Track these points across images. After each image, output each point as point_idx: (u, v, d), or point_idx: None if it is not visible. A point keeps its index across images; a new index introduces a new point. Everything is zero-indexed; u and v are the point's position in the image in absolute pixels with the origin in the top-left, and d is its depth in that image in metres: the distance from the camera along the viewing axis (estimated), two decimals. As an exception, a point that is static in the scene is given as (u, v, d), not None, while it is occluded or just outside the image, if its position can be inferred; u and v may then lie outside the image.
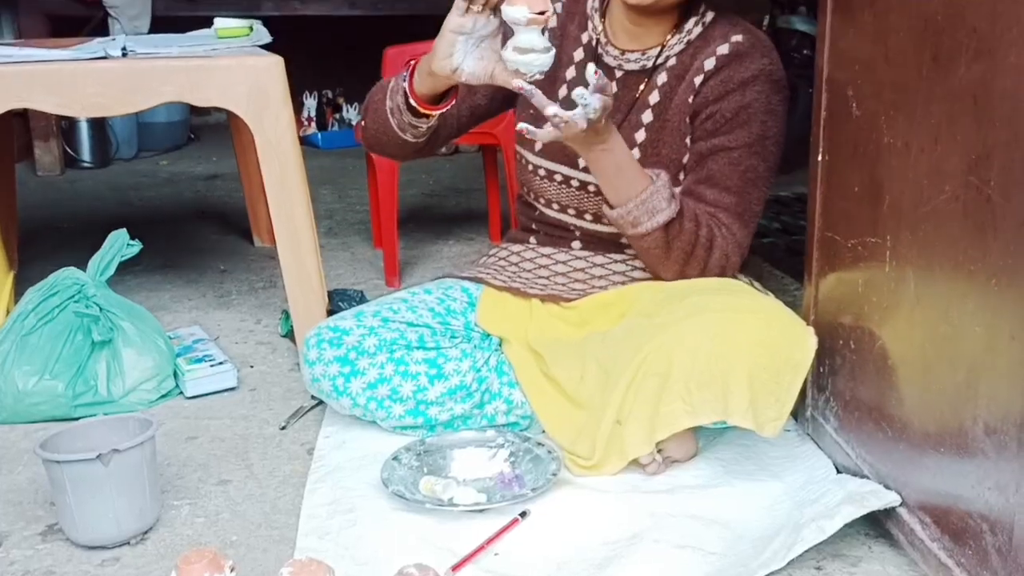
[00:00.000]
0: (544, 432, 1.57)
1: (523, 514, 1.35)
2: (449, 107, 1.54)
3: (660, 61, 1.59)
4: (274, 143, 1.84)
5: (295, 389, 1.82)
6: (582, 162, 1.59)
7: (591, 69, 1.33)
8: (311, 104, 4.73)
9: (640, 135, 1.58)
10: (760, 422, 1.35)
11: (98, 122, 4.09)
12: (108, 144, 4.18)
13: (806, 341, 1.39)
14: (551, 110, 1.35)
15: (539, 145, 1.64)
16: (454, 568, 1.22)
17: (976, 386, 1.04)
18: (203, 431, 1.66)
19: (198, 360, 1.84)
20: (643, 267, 1.62)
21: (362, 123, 1.67)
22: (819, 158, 1.42)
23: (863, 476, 1.31)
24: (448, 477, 1.45)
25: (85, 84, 1.77)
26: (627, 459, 1.44)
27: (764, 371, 1.35)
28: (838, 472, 1.39)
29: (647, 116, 1.59)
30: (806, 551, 1.19)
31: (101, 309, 1.73)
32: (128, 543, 1.32)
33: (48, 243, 2.82)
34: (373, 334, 1.57)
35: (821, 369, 1.44)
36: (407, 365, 1.55)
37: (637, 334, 1.44)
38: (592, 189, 1.59)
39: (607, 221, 1.58)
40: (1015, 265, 0.96)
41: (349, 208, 3.32)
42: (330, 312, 1.91)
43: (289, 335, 2.05)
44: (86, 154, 4.10)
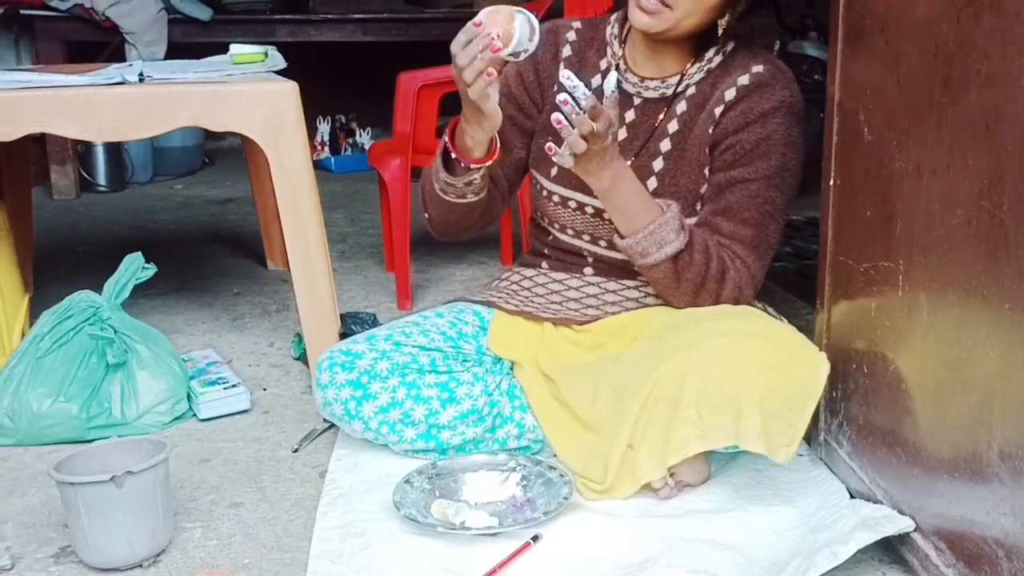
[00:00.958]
0: (555, 456, 1.57)
1: (535, 538, 1.34)
2: (495, 159, 1.56)
3: (680, 90, 1.59)
4: (288, 167, 1.86)
5: (307, 412, 1.82)
6: None
7: (612, 78, 1.36)
8: (324, 129, 4.76)
9: (658, 163, 1.59)
10: (772, 447, 1.34)
11: (114, 146, 4.13)
12: (124, 168, 4.22)
13: (818, 366, 1.39)
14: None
15: (554, 171, 1.65)
16: (466, 592, 1.22)
17: (990, 411, 1.03)
18: (216, 453, 1.67)
19: (211, 383, 1.85)
20: (656, 294, 1.62)
21: (425, 216, 1.70)
22: (831, 183, 1.43)
23: (877, 501, 1.31)
24: (460, 500, 1.44)
25: (103, 109, 1.79)
26: (639, 483, 1.43)
27: (776, 396, 1.35)
28: (851, 497, 1.38)
29: (666, 144, 1.59)
30: (819, 577, 1.19)
31: (116, 332, 1.74)
32: (140, 565, 1.32)
33: (63, 266, 2.84)
34: (385, 358, 1.57)
35: (834, 394, 1.44)
36: (419, 389, 1.56)
37: (649, 358, 1.44)
38: (607, 216, 1.60)
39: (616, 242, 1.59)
40: (1028, 289, 0.96)
41: (362, 232, 3.33)
42: (343, 335, 1.92)
43: (302, 358, 2.06)
44: (102, 178, 4.14)
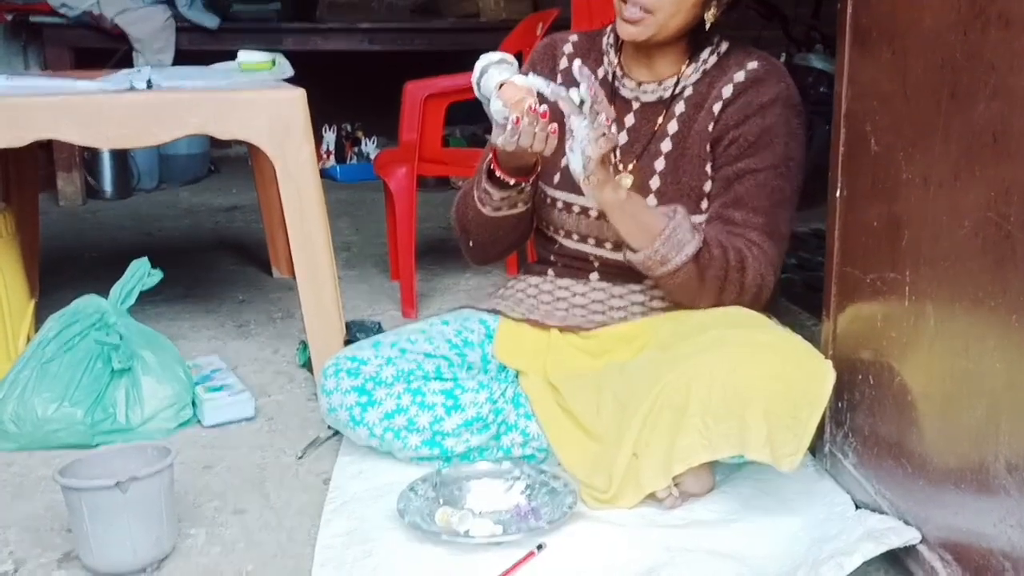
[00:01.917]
0: (560, 465, 1.57)
1: (539, 547, 1.34)
2: (536, 172, 1.61)
3: (677, 92, 1.61)
4: (295, 175, 1.86)
5: (312, 419, 1.82)
6: None
7: (584, 87, 1.38)
8: (330, 138, 4.77)
9: (660, 164, 1.60)
10: (777, 456, 1.34)
11: (120, 153, 4.13)
12: (130, 175, 4.22)
13: (824, 376, 1.38)
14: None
15: (557, 178, 1.66)
16: (470, 601, 1.21)
17: (997, 422, 1.03)
18: (220, 460, 1.67)
19: (216, 389, 1.85)
20: (662, 296, 1.62)
21: (468, 244, 1.74)
22: (837, 193, 1.43)
23: (882, 512, 1.30)
24: (464, 509, 1.44)
25: (111, 116, 1.80)
26: (643, 492, 1.43)
27: (782, 405, 1.34)
28: (857, 508, 1.38)
29: (666, 145, 1.61)
30: (825, 588, 1.18)
31: (121, 337, 1.74)
32: (144, 571, 1.32)
33: (69, 272, 2.84)
34: (391, 364, 1.57)
35: (839, 404, 1.44)
36: (424, 396, 1.56)
37: (654, 367, 1.44)
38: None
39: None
40: (1036, 301, 0.96)
41: (367, 241, 3.34)
42: (347, 343, 1.92)
43: (306, 365, 2.06)
44: (108, 185, 4.15)
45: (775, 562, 1.29)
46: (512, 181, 1.60)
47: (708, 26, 1.57)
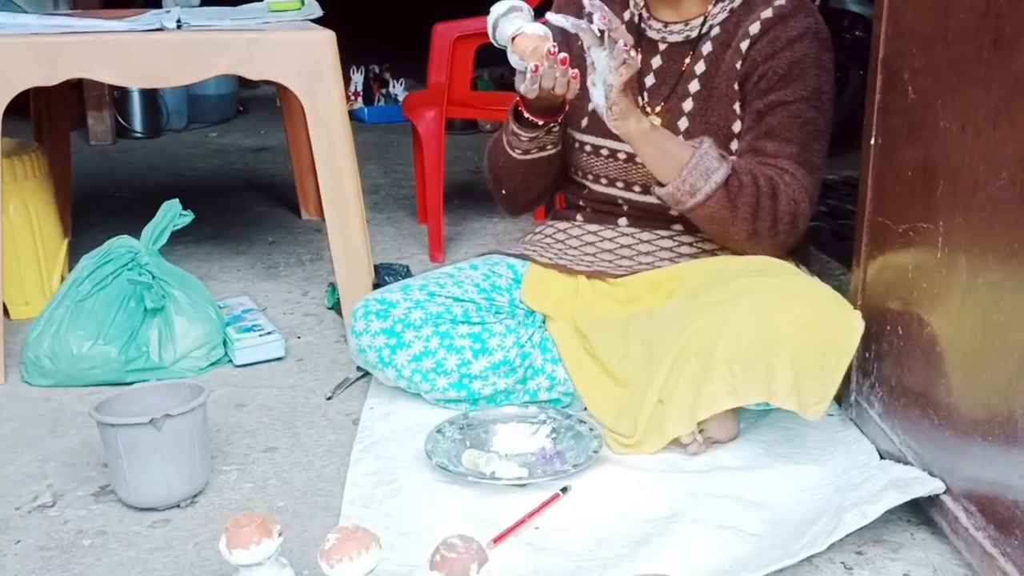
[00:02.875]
0: (586, 409, 1.58)
1: (564, 489, 1.36)
2: (563, 112, 1.61)
3: (704, 31, 1.60)
4: (324, 117, 1.86)
5: (341, 360, 1.85)
6: None
7: (568, 22, 1.40)
8: (358, 79, 4.74)
9: (688, 104, 1.59)
10: (804, 404, 1.34)
11: (150, 93, 4.14)
12: (159, 115, 4.24)
13: (853, 325, 1.38)
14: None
15: (585, 122, 1.65)
16: (495, 540, 1.23)
17: (1027, 375, 1.02)
18: (251, 399, 1.70)
19: (247, 329, 1.88)
20: (690, 242, 1.62)
21: (502, 192, 1.75)
22: (872, 141, 1.41)
23: (907, 463, 1.31)
24: (490, 451, 1.46)
25: (142, 55, 1.80)
26: (668, 438, 1.44)
27: (809, 353, 1.34)
28: (881, 458, 1.38)
29: (694, 86, 1.60)
30: (847, 535, 1.19)
31: (154, 277, 1.76)
32: (178, 506, 1.36)
33: (100, 211, 2.87)
34: (419, 307, 1.58)
35: (867, 354, 1.43)
36: (452, 339, 1.57)
37: (682, 314, 1.44)
38: (639, 161, 1.60)
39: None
40: (1072, 254, 0.95)
41: (394, 184, 3.34)
42: (376, 286, 1.93)
43: (335, 307, 2.08)
44: (138, 124, 4.16)
45: (798, 509, 1.30)
46: (541, 122, 1.59)
47: None
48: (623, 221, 1.68)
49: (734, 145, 1.57)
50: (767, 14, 1.55)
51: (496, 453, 1.45)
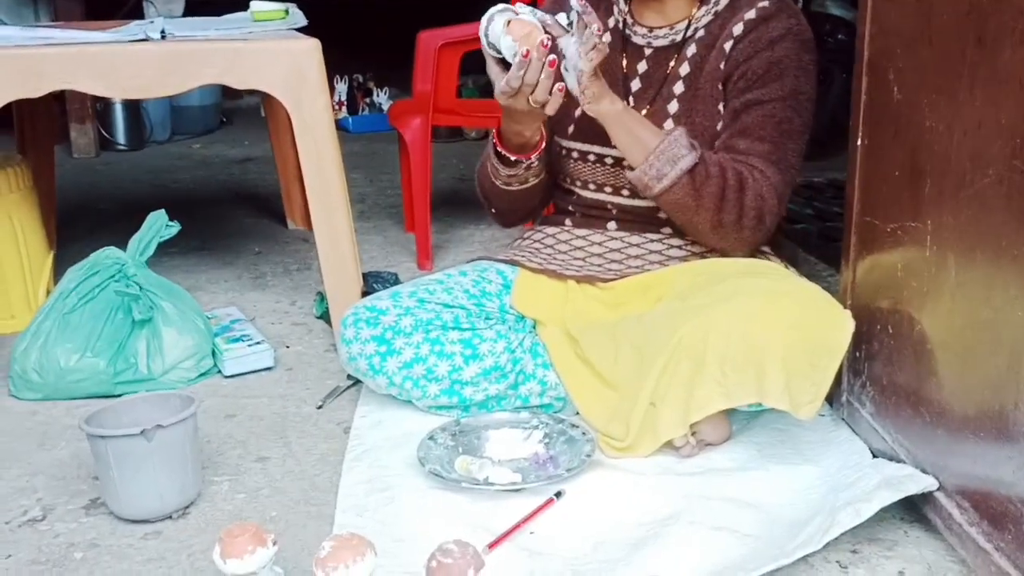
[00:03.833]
0: (577, 414, 1.58)
1: (558, 494, 1.36)
2: (543, 148, 1.62)
3: (689, 34, 1.61)
4: (311, 126, 1.85)
5: (330, 369, 1.84)
6: None
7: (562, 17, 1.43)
8: (342, 88, 4.74)
9: (673, 106, 1.60)
10: (796, 404, 1.35)
11: (133, 105, 4.13)
12: (143, 127, 4.22)
13: (843, 324, 1.38)
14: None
15: (571, 129, 1.66)
16: (490, 546, 1.23)
17: (1018, 371, 1.03)
18: (241, 409, 1.69)
19: (236, 340, 1.87)
20: (679, 245, 1.62)
21: (491, 211, 1.79)
22: (858, 142, 1.42)
23: (899, 461, 1.31)
24: (483, 457, 1.46)
25: (126, 66, 1.79)
26: (660, 441, 1.44)
27: (800, 353, 1.35)
28: (874, 457, 1.39)
29: (679, 87, 1.61)
30: (842, 535, 1.19)
31: (141, 288, 1.75)
32: (170, 517, 1.35)
33: (85, 224, 2.85)
34: (409, 314, 1.58)
35: (857, 354, 1.44)
36: (443, 345, 1.57)
37: (673, 316, 1.45)
38: (627, 164, 1.60)
39: (644, 196, 1.60)
40: (1060, 249, 0.96)
41: (380, 192, 3.33)
42: (365, 294, 1.92)
43: (324, 317, 2.07)
44: (121, 137, 4.14)
45: (792, 509, 1.30)
46: (513, 158, 1.61)
47: None
48: (612, 225, 1.68)
49: (718, 144, 1.58)
50: (750, 15, 1.57)
51: (489, 459, 1.45)
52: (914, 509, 1.28)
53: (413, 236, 2.60)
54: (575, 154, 1.67)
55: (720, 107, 1.58)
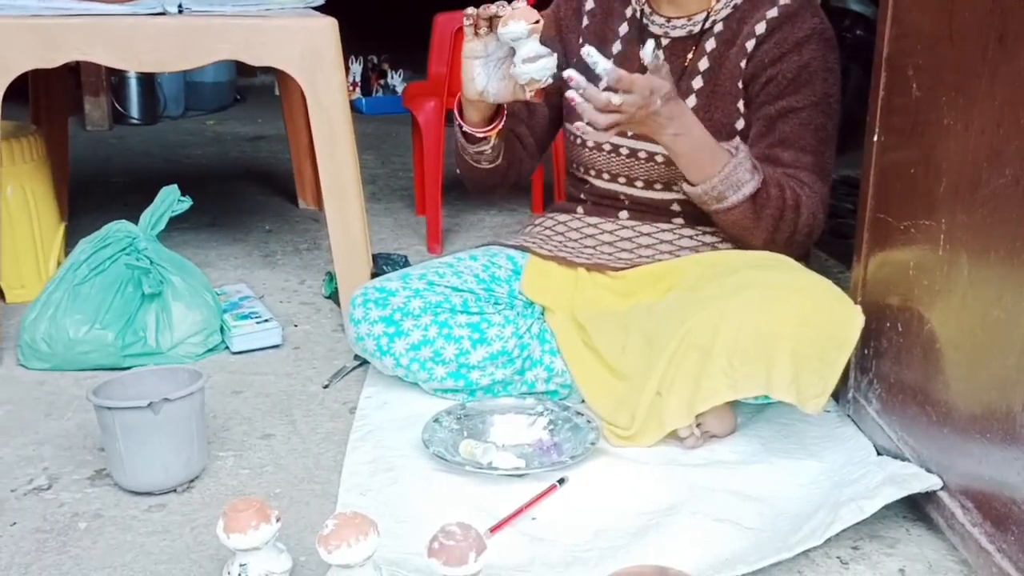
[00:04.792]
0: (583, 402, 1.58)
1: (561, 481, 1.36)
2: (501, 126, 1.60)
3: (707, 27, 1.60)
4: (326, 104, 1.85)
5: (338, 349, 1.84)
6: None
7: (649, 47, 1.36)
8: (356, 69, 4.74)
9: (691, 101, 1.59)
10: (803, 398, 1.35)
11: (147, 79, 4.13)
12: (156, 102, 4.22)
13: (853, 319, 1.37)
14: (605, 96, 1.36)
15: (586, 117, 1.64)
16: (492, 530, 1.23)
17: (1027, 372, 1.03)
18: (248, 386, 1.69)
19: (244, 317, 1.87)
20: (691, 235, 1.62)
21: (458, 171, 1.77)
22: (875, 138, 1.41)
23: (904, 459, 1.31)
24: (488, 442, 1.46)
25: (143, 39, 1.79)
26: (665, 430, 1.44)
27: (809, 347, 1.34)
28: (878, 454, 1.38)
29: (697, 82, 1.59)
30: (843, 531, 1.19)
31: (152, 262, 1.76)
32: (175, 490, 1.35)
33: (97, 197, 2.86)
34: (418, 296, 1.58)
35: (865, 351, 1.44)
36: (451, 328, 1.57)
37: (682, 307, 1.45)
38: (642, 156, 1.60)
39: (658, 187, 1.59)
40: (1075, 251, 0.95)
41: (392, 174, 3.33)
42: (374, 275, 1.93)
43: (332, 296, 2.07)
44: (135, 111, 4.15)
45: (795, 503, 1.30)
46: (473, 132, 1.60)
47: None
48: (624, 214, 1.68)
49: (736, 142, 1.57)
50: (772, 13, 1.55)
51: (493, 444, 1.45)
52: (916, 508, 1.28)
53: (423, 219, 2.60)
54: (590, 143, 1.67)
55: (739, 104, 1.57)
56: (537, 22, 1.38)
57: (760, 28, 1.55)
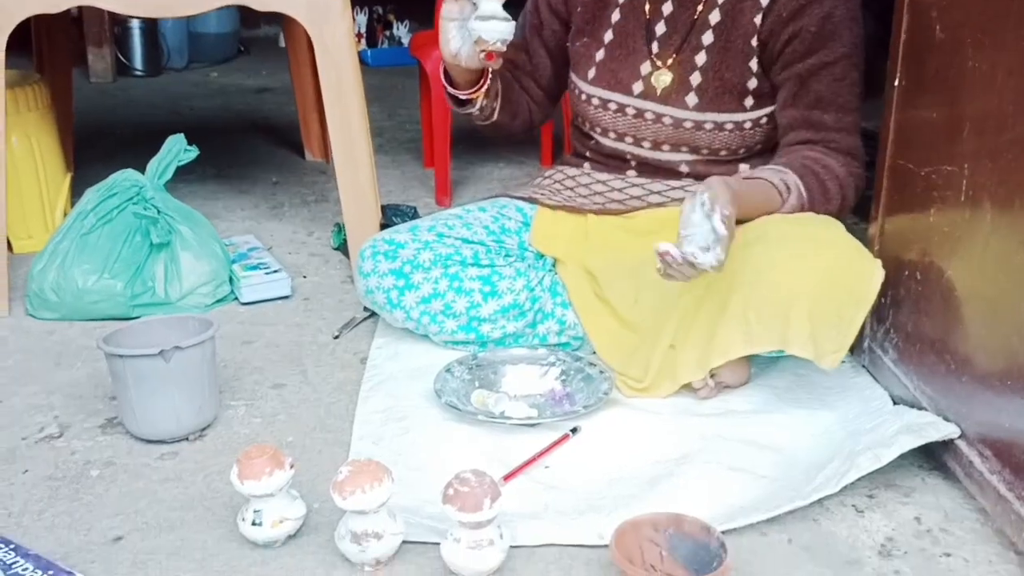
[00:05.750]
0: (595, 353, 1.57)
1: (574, 430, 1.35)
2: (484, 86, 1.58)
3: None
4: (333, 52, 1.82)
5: (347, 300, 1.83)
6: (636, 88, 1.56)
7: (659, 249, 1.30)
8: (361, 20, 4.67)
9: (701, 57, 1.54)
10: (820, 353, 1.33)
11: (151, 30, 4.08)
12: (160, 53, 4.18)
13: (873, 274, 1.35)
14: (662, 247, 1.30)
15: (592, 72, 1.61)
16: (505, 478, 1.23)
17: (1051, 319, 1.01)
18: (258, 336, 1.68)
19: (253, 267, 1.86)
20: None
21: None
22: (896, 83, 1.38)
23: (921, 408, 1.30)
24: (500, 392, 1.45)
25: (147, -16, 1.76)
26: (679, 384, 1.43)
27: (827, 303, 1.32)
28: (894, 404, 1.37)
29: (708, 37, 1.53)
30: (858, 480, 1.19)
31: (159, 212, 1.74)
32: (187, 439, 1.35)
33: (102, 148, 2.83)
34: (428, 249, 1.56)
35: (883, 300, 1.42)
36: (461, 281, 1.55)
37: (697, 257, 1.42)
38: (649, 116, 1.56)
39: (666, 148, 1.56)
40: (1105, 195, 0.93)
41: (399, 127, 3.30)
42: (383, 226, 1.91)
43: (341, 248, 2.06)
44: (138, 62, 4.10)
45: (810, 452, 1.29)
46: (459, 95, 1.59)
47: None
48: (631, 173, 1.64)
49: (748, 101, 1.53)
50: None
51: (505, 394, 1.45)
52: (932, 457, 1.27)
53: (431, 172, 2.57)
54: (595, 100, 1.62)
55: (753, 63, 1.51)
56: None
57: None
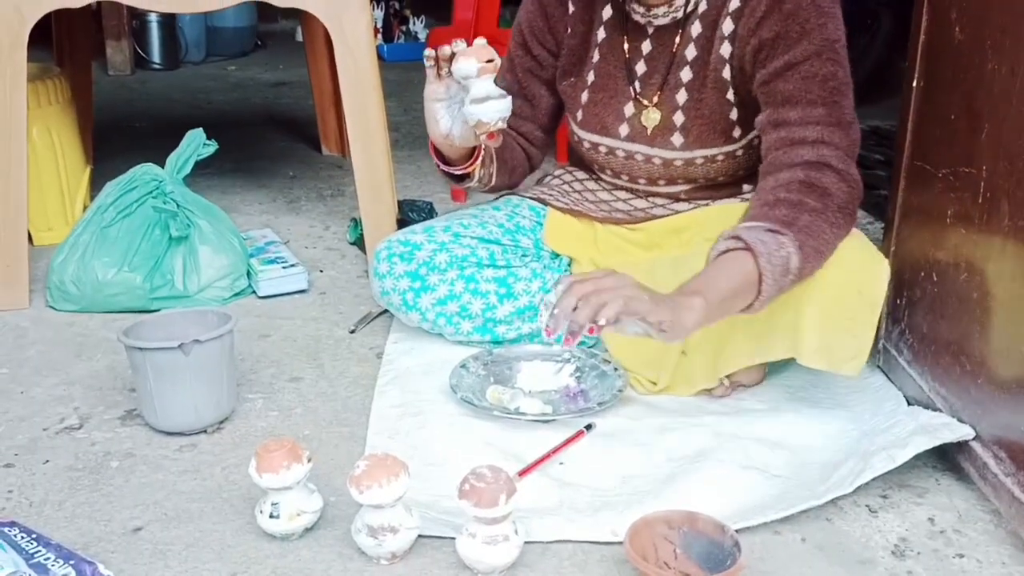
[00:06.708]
0: (608, 351, 1.57)
1: (588, 427, 1.36)
2: (479, 156, 1.52)
3: (690, 9, 1.46)
4: (352, 46, 1.83)
5: (363, 295, 1.84)
6: (623, 131, 1.53)
7: (554, 286, 1.25)
8: (378, 15, 4.68)
9: (682, 96, 1.49)
10: (835, 361, 1.31)
11: (169, 24, 4.10)
12: (178, 46, 4.20)
13: (881, 275, 1.34)
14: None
15: (580, 115, 1.58)
16: (520, 474, 1.24)
17: (1068, 322, 1.01)
18: (275, 330, 1.70)
19: (270, 261, 1.87)
20: (706, 201, 1.57)
21: None
22: (914, 84, 1.38)
23: (935, 409, 1.30)
24: (515, 388, 1.46)
25: (168, -21, 1.77)
26: (695, 389, 1.44)
27: (838, 310, 1.31)
28: (908, 404, 1.37)
29: (686, 74, 1.48)
30: (872, 480, 1.19)
31: (179, 206, 1.76)
32: (205, 431, 1.36)
33: (121, 141, 2.85)
34: (444, 250, 1.56)
35: (898, 301, 1.42)
36: (477, 283, 1.56)
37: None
38: (639, 158, 1.54)
39: (662, 183, 1.55)
40: (1124, 199, 0.93)
41: (414, 122, 3.30)
42: (400, 221, 1.92)
43: (357, 242, 2.07)
44: (156, 56, 4.13)
45: (824, 452, 1.30)
46: (456, 172, 1.54)
47: None
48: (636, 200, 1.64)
49: (735, 132, 1.48)
50: None
51: (520, 390, 1.45)
52: (946, 458, 1.27)
53: (448, 167, 2.58)
54: (586, 144, 1.59)
55: (730, 95, 1.45)
56: (490, 61, 1.30)
57: (733, 3, 1.41)
